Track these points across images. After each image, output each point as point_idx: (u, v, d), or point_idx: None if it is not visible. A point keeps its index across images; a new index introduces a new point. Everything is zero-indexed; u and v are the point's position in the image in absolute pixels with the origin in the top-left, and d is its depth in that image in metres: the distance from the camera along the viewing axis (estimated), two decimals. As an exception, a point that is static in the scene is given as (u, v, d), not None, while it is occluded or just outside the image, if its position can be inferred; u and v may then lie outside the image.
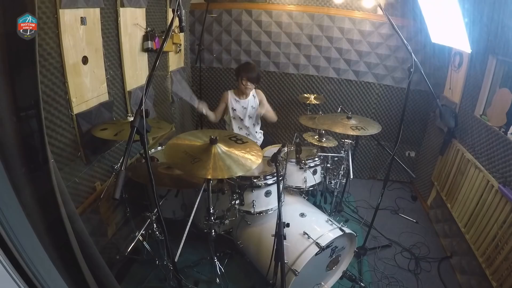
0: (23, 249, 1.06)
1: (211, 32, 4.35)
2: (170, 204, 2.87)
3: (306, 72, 4.39)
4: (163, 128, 2.63)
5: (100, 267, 1.58)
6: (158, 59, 1.55)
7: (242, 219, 2.71)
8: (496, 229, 2.51)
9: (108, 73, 2.63)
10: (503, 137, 2.65)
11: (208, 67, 4.56)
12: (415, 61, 2.26)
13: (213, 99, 4.75)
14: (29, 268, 1.08)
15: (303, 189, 2.93)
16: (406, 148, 4.52)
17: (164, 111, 3.81)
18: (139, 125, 1.38)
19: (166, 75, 3.73)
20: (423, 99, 4.24)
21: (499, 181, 2.60)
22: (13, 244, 1.03)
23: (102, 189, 2.64)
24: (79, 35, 2.24)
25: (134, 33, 2.95)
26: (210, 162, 2.00)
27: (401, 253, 3.23)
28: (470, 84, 3.31)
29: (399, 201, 4.17)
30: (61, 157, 2.19)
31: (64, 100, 2.17)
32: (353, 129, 2.77)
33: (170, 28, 1.63)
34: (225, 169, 1.99)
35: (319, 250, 2.19)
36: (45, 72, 1.98)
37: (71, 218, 1.39)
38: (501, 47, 2.76)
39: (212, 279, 2.66)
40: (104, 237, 2.80)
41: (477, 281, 2.65)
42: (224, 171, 1.98)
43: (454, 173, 3.38)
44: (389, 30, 4.00)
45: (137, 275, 2.72)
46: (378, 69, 4.22)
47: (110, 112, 2.68)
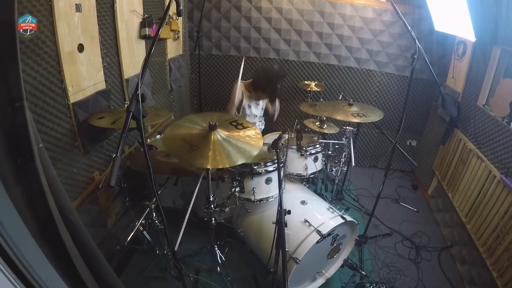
0: (13, 243, 1.04)
1: (210, 19, 4.28)
2: (170, 193, 2.84)
3: (306, 59, 4.33)
4: (162, 116, 2.58)
5: (97, 259, 1.55)
6: (154, 43, 1.50)
7: (243, 207, 2.68)
8: (497, 220, 2.50)
9: (105, 61, 2.58)
10: (506, 127, 2.63)
11: (207, 54, 4.49)
12: (419, 48, 2.22)
13: (212, 86, 4.71)
14: (19, 261, 1.05)
15: (304, 176, 2.90)
16: (407, 137, 4.50)
17: (162, 99, 3.76)
18: (135, 110, 1.33)
19: (164, 62, 3.66)
20: (425, 88, 4.21)
21: (501, 172, 2.58)
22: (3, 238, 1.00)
23: (100, 179, 2.61)
24: (74, 23, 2.18)
25: (131, 20, 2.88)
26: (209, 150, 1.95)
27: (401, 242, 3.23)
28: (473, 73, 3.28)
29: (399, 190, 4.16)
30: (58, 147, 2.15)
31: (60, 89, 2.12)
32: (354, 116, 2.74)
33: (167, 12, 1.58)
34: (225, 157, 1.94)
35: (320, 238, 2.17)
36: (40, 61, 1.93)
37: (65, 210, 1.36)
38: (506, 36, 2.73)
39: (212, 268, 2.66)
40: (103, 227, 2.78)
41: (478, 271, 2.65)
42: (224, 159, 1.93)
43: (455, 163, 3.36)
44: (392, 17, 3.95)
45: (138, 265, 2.70)
46: (380, 57, 4.17)
47: (107, 101, 2.64)
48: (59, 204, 1.32)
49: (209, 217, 2.41)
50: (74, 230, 1.40)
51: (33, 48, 1.85)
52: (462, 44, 3.47)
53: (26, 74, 1.83)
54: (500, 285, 2.30)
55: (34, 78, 1.89)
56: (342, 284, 2.62)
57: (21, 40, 1.72)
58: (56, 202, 1.29)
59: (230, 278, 2.56)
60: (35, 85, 1.91)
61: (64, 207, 1.36)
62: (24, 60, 1.80)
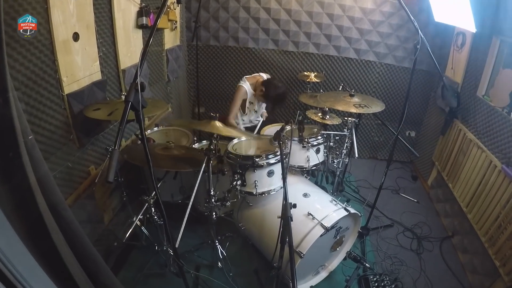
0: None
1: (208, 9, 4.20)
2: (168, 187, 2.79)
3: (306, 49, 4.28)
4: (159, 107, 2.53)
5: (93, 259, 1.49)
6: (153, 32, 1.44)
7: (244, 200, 2.64)
8: (499, 209, 2.49)
9: (101, 50, 2.50)
10: (506, 117, 2.63)
11: (205, 45, 4.42)
12: (421, 38, 2.20)
13: (210, 78, 4.66)
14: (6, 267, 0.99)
15: (305, 168, 2.85)
16: (406, 128, 4.49)
17: (159, 90, 3.69)
18: (134, 100, 1.26)
19: (161, 52, 3.59)
20: (424, 79, 4.19)
21: (502, 161, 2.58)
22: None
23: (96, 173, 2.54)
24: (69, 11, 2.10)
25: (127, 9, 2.81)
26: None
27: (403, 233, 3.22)
28: (473, 64, 3.27)
29: (399, 181, 4.15)
30: (52, 140, 2.09)
31: (54, 79, 2.05)
32: (356, 107, 2.70)
33: (165, 1, 1.52)
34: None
35: (324, 231, 2.13)
36: (33, 50, 1.86)
37: (57, 208, 1.30)
38: (506, 27, 2.72)
39: (214, 264, 2.63)
40: (100, 223, 2.73)
41: (480, 261, 2.64)
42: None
43: (455, 153, 3.35)
44: (391, 8, 3.91)
45: (137, 262, 2.64)
46: (379, 48, 4.13)
47: (103, 92, 2.56)
48: (51, 202, 1.26)
49: (210, 212, 2.37)
50: (68, 229, 1.34)
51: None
52: (461, 35, 3.44)
53: (19, 63, 1.77)
54: (503, 273, 2.29)
55: (27, 68, 1.83)
56: (345, 276, 2.60)
57: (13, 28, 1.65)
58: (48, 200, 1.23)
59: (231, 274, 2.52)
60: (28, 75, 1.85)
61: (56, 205, 1.29)
62: (17, 49, 1.74)
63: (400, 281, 2.59)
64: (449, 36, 3.73)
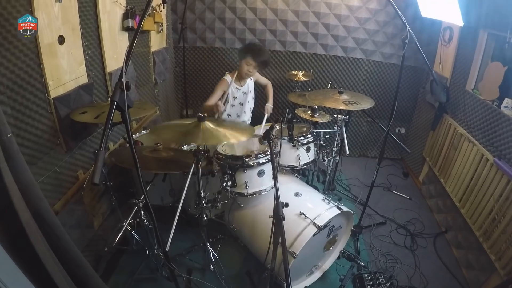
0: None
1: (194, 10, 4.16)
2: (158, 190, 2.74)
3: (293, 49, 4.27)
4: (147, 109, 2.48)
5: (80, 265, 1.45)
6: (137, 33, 1.41)
7: (234, 201, 2.60)
8: (492, 203, 2.49)
9: (87, 53, 2.47)
10: (497, 110, 2.63)
11: (192, 47, 4.38)
12: (409, 32, 2.20)
13: (198, 79, 4.62)
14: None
15: (296, 167, 2.83)
16: (396, 125, 4.49)
17: (147, 93, 3.64)
18: (120, 99, 1.22)
19: (148, 55, 3.54)
20: (412, 75, 4.20)
21: (494, 155, 2.58)
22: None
23: (85, 178, 2.50)
24: (54, 13, 2.07)
25: (113, 11, 2.78)
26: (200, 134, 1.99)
27: (396, 230, 3.21)
28: (461, 58, 3.29)
29: (391, 178, 4.15)
30: (38, 145, 2.04)
31: (39, 83, 2.01)
32: (345, 104, 2.68)
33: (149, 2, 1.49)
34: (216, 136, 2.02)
35: (317, 230, 2.10)
36: (18, 54, 1.82)
37: (43, 215, 1.25)
38: (493, 20, 2.73)
39: (206, 266, 2.58)
40: (90, 228, 2.66)
41: (475, 255, 2.64)
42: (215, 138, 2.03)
43: (446, 148, 3.36)
44: (378, 5, 3.92)
45: (128, 267, 2.60)
46: (366, 45, 4.13)
47: (90, 95, 2.53)
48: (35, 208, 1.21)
49: (200, 214, 2.33)
50: (54, 236, 1.30)
51: (11, 40, 1.74)
52: (449, 29, 3.46)
53: (4, 67, 1.73)
54: (499, 267, 2.29)
55: (12, 71, 1.79)
56: (339, 276, 2.58)
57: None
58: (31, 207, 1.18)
59: (224, 276, 2.48)
60: (13, 79, 1.80)
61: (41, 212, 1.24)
62: (1, 52, 1.70)
63: (395, 279, 2.56)
64: (436, 31, 3.74)
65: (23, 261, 1.15)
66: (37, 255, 1.18)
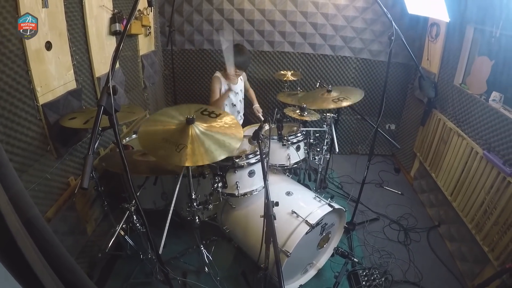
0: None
1: (182, 13, 4.15)
2: (150, 194, 2.74)
3: (281, 49, 4.28)
4: (136, 113, 2.47)
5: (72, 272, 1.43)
6: (123, 36, 1.40)
7: (226, 202, 2.60)
8: (483, 195, 2.52)
9: (74, 59, 2.45)
10: (484, 104, 2.66)
11: (180, 50, 4.37)
12: (396, 29, 2.21)
13: (187, 82, 4.61)
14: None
15: (287, 166, 2.84)
16: (386, 121, 4.52)
17: (136, 97, 3.62)
18: (107, 103, 1.22)
19: (136, 59, 3.52)
20: (400, 72, 4.23)
21: (483, 148, 2.61)
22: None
23: (76, 184, 2.48)
24: (41, 19, 2.05)
25: (100, 16, 2.76)
26: (187, 147, 1.86)
27: (389, 226, 3.23)
28: (448, 53, 3.32)
29: (382, 174, 4.18)
30: (28, 152, 2.02)
31: (28, 90, 2.00)
32: (335, 102, 2.68)
33: (136, 4, 1.48)
34: (204, 152, 1.86)
35: (310, 228, 2.11)
36: (5, 60, 1.81)
37: (33, 222, 1.24)
38: (479, 15, 2.75)
39: (200, 269, 2.58)
40: (83, 235, 2.65)
41: (468, 247, 2.66)
42: (203, 156, 1.85)
43: (436, 143, 3.39)
44: (364, 3, 3.94)
45: (122, 272, 2.59)
46: (354, 43, 4.15)
47: (79, 101, 2.51)
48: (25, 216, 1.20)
49: (193, 216, 2.33)
50: (46, 243, 1.28)
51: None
52: (436, 25, 3.49)
53: (-9, 74, 1.72)
54: (493, 258, 2.31)
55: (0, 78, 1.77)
56: (334, 273, 2.59)
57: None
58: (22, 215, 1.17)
59: (219, 278, 2.48)
60: (1, 86, 1.79)
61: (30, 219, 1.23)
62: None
63: (390, 274, 2.58)
64: (423, 28, 3.78)
65: (14, 266, 1.13)
66: (26, 261, 1.17)
